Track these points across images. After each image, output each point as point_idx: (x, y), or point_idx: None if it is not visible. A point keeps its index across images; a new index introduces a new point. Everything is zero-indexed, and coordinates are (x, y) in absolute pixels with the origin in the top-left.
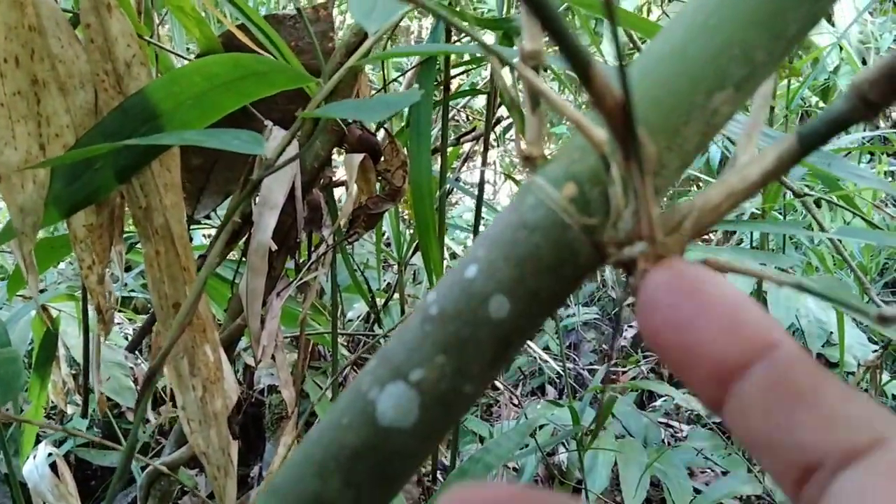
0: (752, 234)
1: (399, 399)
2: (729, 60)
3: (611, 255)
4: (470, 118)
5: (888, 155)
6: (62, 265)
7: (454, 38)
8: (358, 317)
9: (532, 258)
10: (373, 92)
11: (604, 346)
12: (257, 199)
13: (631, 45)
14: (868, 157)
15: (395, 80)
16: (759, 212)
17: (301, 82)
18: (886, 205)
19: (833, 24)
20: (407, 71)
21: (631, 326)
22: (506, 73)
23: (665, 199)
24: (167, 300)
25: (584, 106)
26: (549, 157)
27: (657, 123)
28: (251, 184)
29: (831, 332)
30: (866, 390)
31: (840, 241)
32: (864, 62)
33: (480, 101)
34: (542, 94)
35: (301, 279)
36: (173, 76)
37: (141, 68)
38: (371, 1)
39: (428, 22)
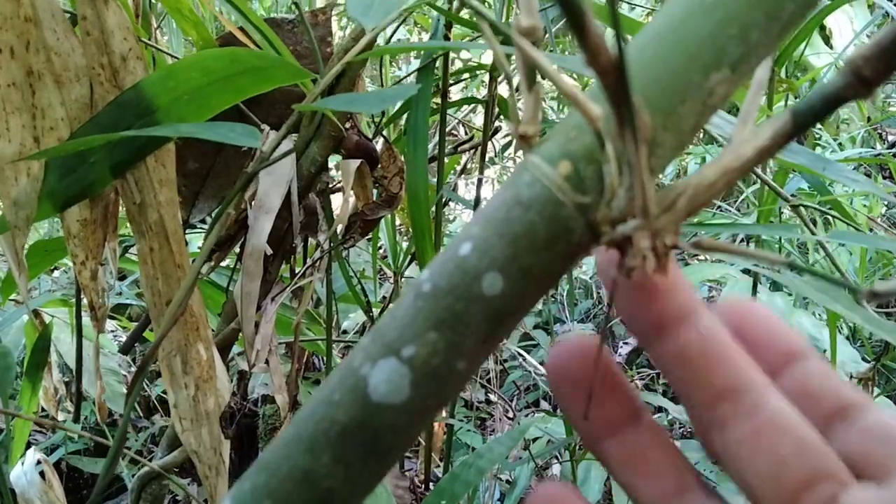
0: (746, 243)
1: (391, 375)
2: (726, 39)
3: (605, 234)
4: (468, 132)
5: (884, 177)
6: (56, 273)
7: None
8: (354, 327)
9: (526, 235)
10: None
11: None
12: (253, 203)
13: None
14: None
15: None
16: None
17: (299, 77)
18: (881, 223)
19: (831, 46)
20: (403, 79)
21: (626, 343)
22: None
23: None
24: (161, 297)
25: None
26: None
27: (653, 101)
28: (246, 176)
29: (824, 350)
30: None
31: (835, 259)
32: None
33: (479, 120)
34: (539, 67)
35: (296, 284)
36: (170, 71)
37: (137, 62)
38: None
39: (424, 38)
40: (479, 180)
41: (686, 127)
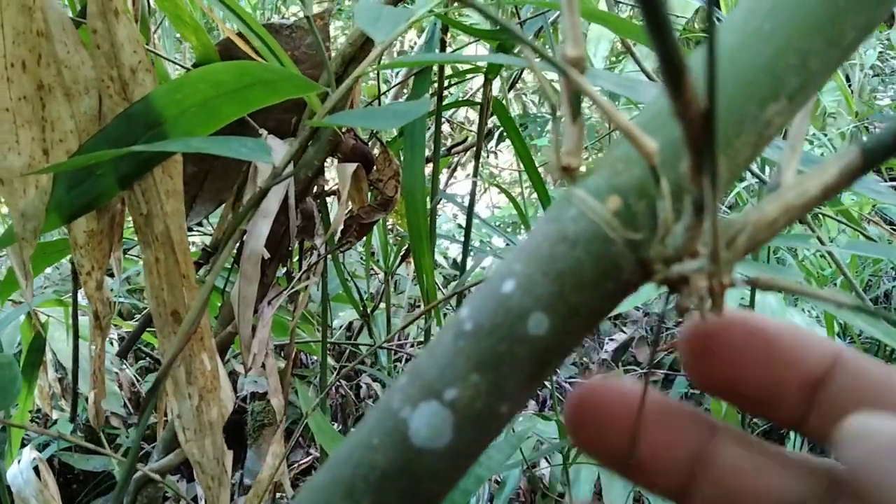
0: None
1: (432, 418)
2: (784, 69)
3: (657, 272)
4: (454, 130)
5: (872, 172)
6: (48, 270)
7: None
8: (340, 326)
9: (573, 273)
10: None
11: (584, 358)
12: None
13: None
14: None
15: (383, 93)
16: None
17: (308, 90)
18: (869, 221)
19: None
20: (399, 84)
21: (612, 339)
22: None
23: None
24: (166, 307)
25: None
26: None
27: None
28: (260, 192)
29: None
30: None
31: (829, 257)
32: (847, 79)
33: (461, 113)
34: (593, 100)
35: (293, 288)
36: (178, 83)
37: (146, 75)
38: (377, 10)
39: (411, 36)
40: (474, 183)
41: (741, 160)
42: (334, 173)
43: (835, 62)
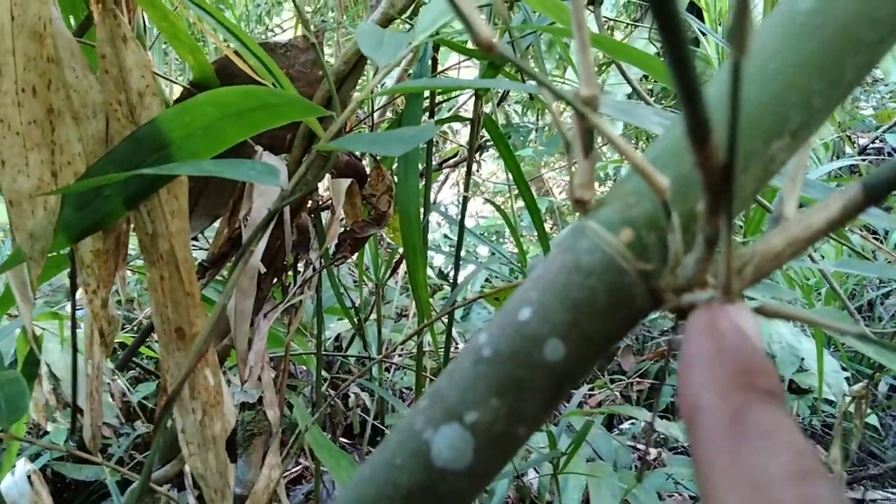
0: None
1: (454, 440)
2: (787, 107)
3: (668, 301)
4: (438, 140)
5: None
6: None
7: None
8: (329, 338)
9: (587, 302)
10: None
11: None
12: (247, 222)
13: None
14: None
15: (374, 111)
16: None
17: (311, 114)
18: (852, 231)
19: None
20: (390, 102)
21: None
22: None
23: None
24: (170, 324)
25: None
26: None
27: None
28: (269, 214)
29: (802, 359)
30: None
31: (831, 280)
32: None
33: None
34: (609, 139)
35: (289, 302)
36: (185, 107)
37: (153, 98)
38: (378, 35)
39: None
40: (465, 198)
41: (746, 194)
42: (328, 184)
43: (836, 100)
